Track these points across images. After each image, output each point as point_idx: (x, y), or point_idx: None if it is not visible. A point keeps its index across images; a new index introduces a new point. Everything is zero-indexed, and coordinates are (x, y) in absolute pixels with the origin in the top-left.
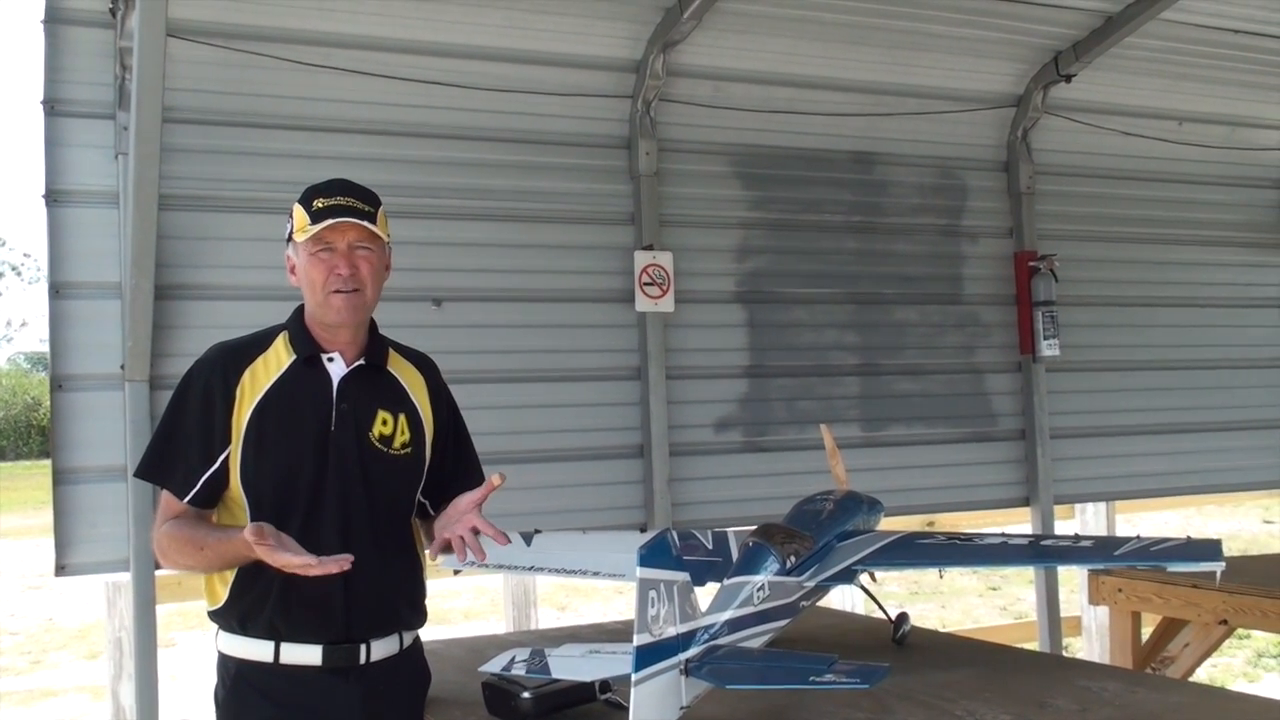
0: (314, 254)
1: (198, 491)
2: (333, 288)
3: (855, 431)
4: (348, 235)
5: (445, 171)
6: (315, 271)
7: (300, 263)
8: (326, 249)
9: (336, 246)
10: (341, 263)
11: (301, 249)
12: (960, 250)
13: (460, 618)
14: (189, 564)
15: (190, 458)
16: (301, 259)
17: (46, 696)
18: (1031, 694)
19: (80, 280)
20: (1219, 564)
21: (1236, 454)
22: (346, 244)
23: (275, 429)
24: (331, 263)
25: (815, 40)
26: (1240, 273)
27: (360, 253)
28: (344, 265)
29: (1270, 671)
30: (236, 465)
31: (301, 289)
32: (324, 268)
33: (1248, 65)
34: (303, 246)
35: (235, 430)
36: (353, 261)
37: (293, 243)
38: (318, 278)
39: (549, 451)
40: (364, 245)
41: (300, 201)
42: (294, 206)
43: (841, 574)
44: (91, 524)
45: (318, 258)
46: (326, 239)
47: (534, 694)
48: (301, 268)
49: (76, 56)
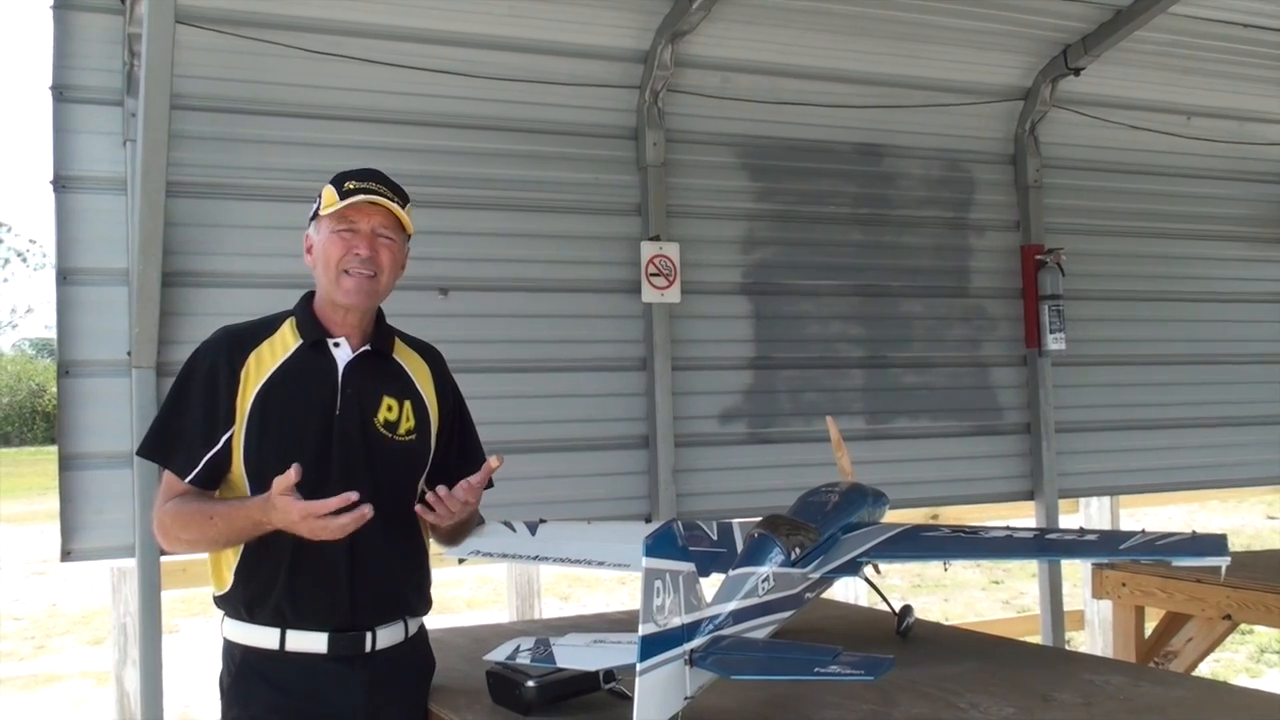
0: (336, 231)
1: (199, 472)
2: (346, 266)
3: (860, 424)
4: (373, 219)
5: (452, 160)
6: (333, 248)
7: (319, 240)
8: (349, 229)
9: (360, 228)
10: (362, 244)
11: (324, 226)
12: (967, 243)
13: (464, 607)
14: (193, 538)
15: (193, 438)
16: (322, 235)
17: (50, 682)
18: (1035, 687)
19: (88, 266)
20: (1224, 559)
21: (1241, 449)
22: (370, 228)
23: (280, 411)
24: (352, 242)
25: (823, 32)
26: (1247, 268)
27: (382, 240)
28: (364, 246)
29: (1273, 667)
30: (240, 447)
31: (315, 269)
32: (343, 245)
33: (1256, 59)
34: (325, 224)
35: (239, 412)
36: (374, 245)
37: (315, 221)
38: (334, 254)
39: (554, 441)
40: (387, 233)
41: (332, 182)
42: (325, 187)
43: (846, 566)
44: (97, 510)
45: (339, 235)
46: (351, 218)
47: (538, 683)
48: (320, 245)
49: (85, 42)
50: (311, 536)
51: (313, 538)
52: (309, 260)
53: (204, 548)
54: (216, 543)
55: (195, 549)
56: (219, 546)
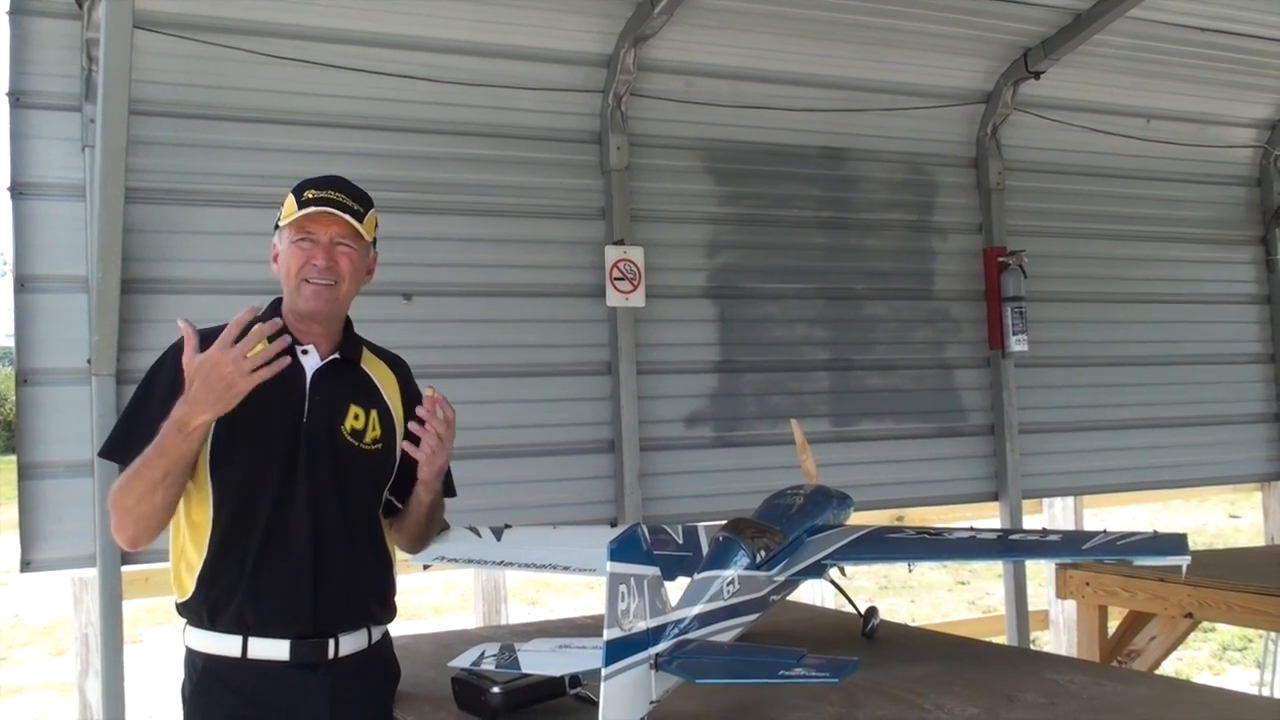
0: (295, 241)
1: None
2: (305, 275)
3: (825, 426)
4: (330, 229)
5: (415, 165)
6: (293, 259)
7: (282, 249)
8: (308, 239)
9: (318, 238)
10: (320, 254)
11: (285, 236)
12: (930, 246)
13: (430, 613)
14: (137, 495)
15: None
16: (284, 245)
17: (12, 694)
18: (999, 687)
19: (46, 274)
20: (1185, 558)
21: (1203, 449)
22: (329, 237)
23: (247, 418)
24: (310, 252)
25: (786, 36)
26: (1207, 269)
27: (340, 248)
28: (321, 257)
29: (1235, 664)
30: (206, 452)
31: (280, 277)
32: (302, 256)
33: (1216, 63)
34: (286, 233)
35: None
36: (332, 255)
37: (279, 230)
38: (294, 265)
39: (519, 446)
40: (345, 242)
41: (293, 191)
42: (288, 195)
43: (811, 568)
44: (57, 519)
45: (298, 245)
46: (308, 229)
47: (504, 689)
48: (282, 254)
49: (42, 48)
50: (239, 387)
51: (241, 387)
52: (275, 269)
53: (149, 506)
54: (156, 485)
55: (144, 518)
56: (160, 493)
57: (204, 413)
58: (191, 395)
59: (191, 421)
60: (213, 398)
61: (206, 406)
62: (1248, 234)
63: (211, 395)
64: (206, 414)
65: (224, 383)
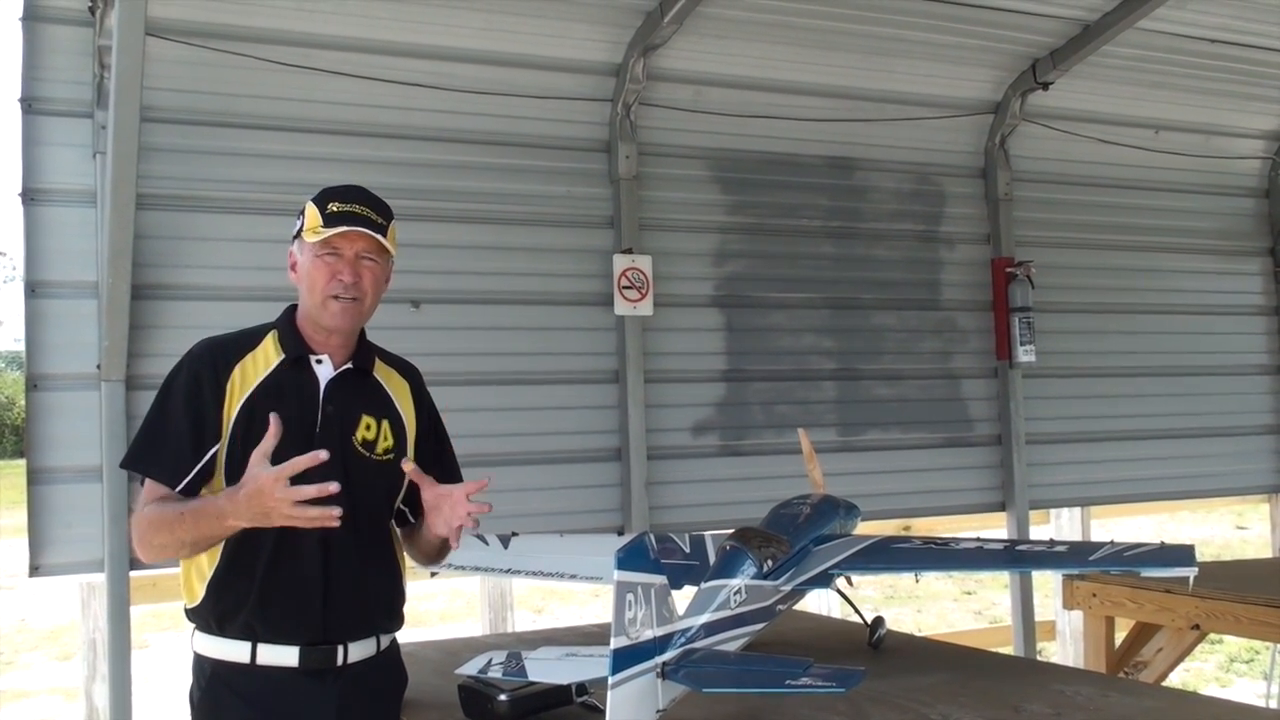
0: (320, 256)
1: (190, 481)
2: (332, 292)
3: (832, 436)
4: (357, 244)
5: (425, 173)
6: (318, 274)
7: (304, 262)
8: (333, 254)
9: (344, 253)
10: (346, 269)
11: (307, 248)
12: (938, 256)
13: (437, 620)
14: (164, 541)
15: (181, 448)
16: (306, 258)
17: (19, 698)
18: (1006, 698)
19: (57, 279)
20: (1192, 569)
21: (1210, 460)
22: (354, 252)
23: (263, 427)
24: (336, 268)
25: (795, 45)
26: (1215, 280)
27: (365, 263)
28: (348, 272)
29: (1242, 676)
30: (223, 461)
31: (299, 287)
32: (328, 271)
33: (1224, 74)
34: (309, 246)
35: (225, 425)
36: (357, 270)
37: (299, 240)
38: (320, 280)
39: (527, 454)
40: (370, 256)
41: (314, 201)
42: (307, 204)
43: (818, 578)
44: (66, 524)
45: (323, 260)
46: (335, 245)
47: (510, 696)
48: (304, 267)
49: (54, 55)
50: (275, 518)
51: (276, 520)
52: (293, 277)
53: (173, 552)
54: (184, 545)
55: (165, 553)
56: (187, 550)
57: (243, 521)
58: (240, 498)
59: (230, 521)
60: (252, 514)
61: (247, 519)
62: (1255, 245)
63: (251, 512)
64: (244, 523)
65: (264, 510)
